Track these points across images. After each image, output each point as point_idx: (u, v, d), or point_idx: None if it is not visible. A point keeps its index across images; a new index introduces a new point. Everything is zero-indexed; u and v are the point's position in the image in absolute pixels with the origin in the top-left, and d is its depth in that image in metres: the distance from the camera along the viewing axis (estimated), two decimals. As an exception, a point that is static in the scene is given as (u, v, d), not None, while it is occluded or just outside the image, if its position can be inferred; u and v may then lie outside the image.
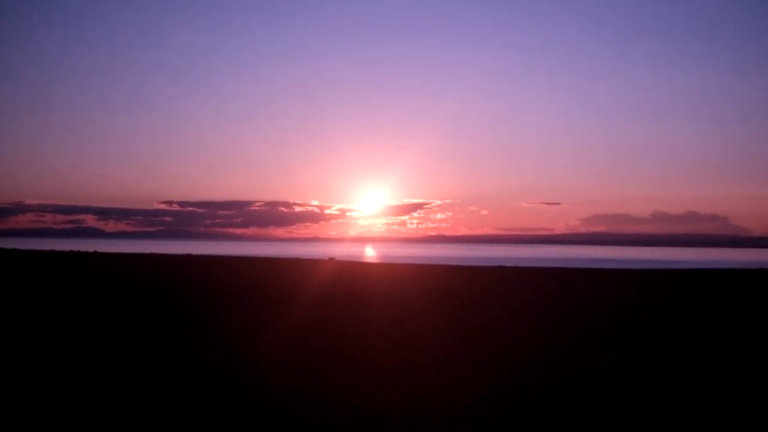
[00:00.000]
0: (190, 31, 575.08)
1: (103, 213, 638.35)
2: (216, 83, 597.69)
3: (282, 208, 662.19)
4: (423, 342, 13.88)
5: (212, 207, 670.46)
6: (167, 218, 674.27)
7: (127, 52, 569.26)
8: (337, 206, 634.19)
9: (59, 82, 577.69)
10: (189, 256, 67.17)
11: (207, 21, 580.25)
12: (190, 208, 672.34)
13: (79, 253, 67.77)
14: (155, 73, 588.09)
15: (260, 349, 12.91)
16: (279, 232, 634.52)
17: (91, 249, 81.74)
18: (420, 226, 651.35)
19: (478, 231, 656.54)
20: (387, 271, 44.88)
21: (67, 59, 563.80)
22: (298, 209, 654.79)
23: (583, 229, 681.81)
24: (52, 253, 63.89)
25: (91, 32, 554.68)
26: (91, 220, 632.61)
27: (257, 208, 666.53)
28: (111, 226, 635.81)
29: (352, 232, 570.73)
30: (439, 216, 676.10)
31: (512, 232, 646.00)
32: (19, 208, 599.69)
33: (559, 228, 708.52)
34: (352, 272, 41.30)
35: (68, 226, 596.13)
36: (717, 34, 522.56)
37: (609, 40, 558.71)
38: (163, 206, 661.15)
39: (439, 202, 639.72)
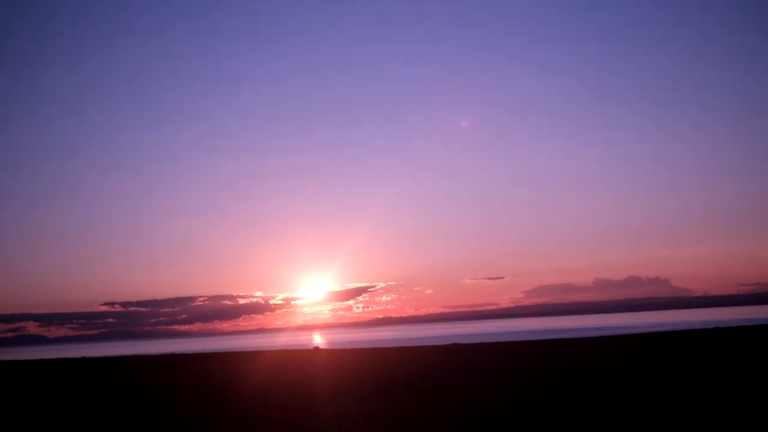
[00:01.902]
0: (126, 127, 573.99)
1: (44, 319, 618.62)
2: (151, 179, 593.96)
3: (226, 302, 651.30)
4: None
5: (155, 305, 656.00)
6: (110, 320, 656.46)
7: (60, 152, 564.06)
8: (281, 295, 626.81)
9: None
10: (172, 355, 64.73)
11: (144, 115, 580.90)
12: (132, 308, 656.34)
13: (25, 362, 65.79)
14: (88, 171, 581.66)
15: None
16: (225, 325, 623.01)
17: (34, 357, 79.34)
18: (366, 309, 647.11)
19: (424, 311, 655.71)
20: (385, 355, 43.96)
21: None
22: (242, 301, 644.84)
23: (527, 302, 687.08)
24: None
25: (20, 138, 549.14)
26: (32, 327, 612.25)
27: (201, 303, 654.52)
28: (53, 331, 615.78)
29: (299, 321, 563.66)
30: (384, 298, 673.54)
31: (458, 309, 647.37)
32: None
33: (504, 302, 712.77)
34: (353, 360, 40.69)
35: (9, 334, 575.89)
36: (648, 101, 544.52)
37: (541, 110, 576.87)
38: (105, 308, 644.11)
39: (383, 284, 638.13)
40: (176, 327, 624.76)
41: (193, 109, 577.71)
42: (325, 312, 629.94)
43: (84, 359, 65.35)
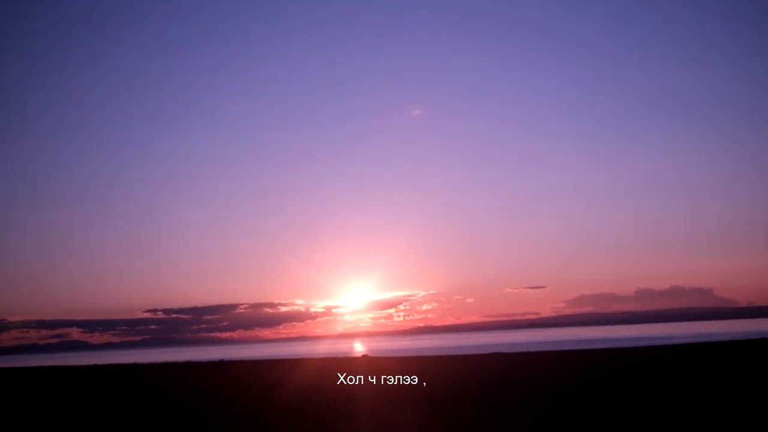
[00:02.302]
0: (166, 135, 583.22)
1: (88, 325, 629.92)
2: (195, 188, 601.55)
3: (267, 309, 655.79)
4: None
5: (197, 312, 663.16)
6: (153, 326, 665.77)
7: (106, 161, 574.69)
8: (322, 304, 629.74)
9: (32, 195, 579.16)
10: (222, 361, 65.40)
11: (191, 126, 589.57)
12: (174, 315, 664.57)
13: (71, 367, 67.36)
14: (132, 180, 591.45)
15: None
16: (266, 333, 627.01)
17: (77, 362, 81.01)
18: (407, 318, 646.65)
19: (465, 319, 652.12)
20: (434, 363, 44.09)
21: (40, 172, 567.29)
22: (283, 309, 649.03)
23: (569, 311, 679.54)
24: (39, 369, 63.42)
25: (66, 143, 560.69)
26: (76, 333, 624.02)
27: (242, 310, 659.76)
28: (96, 338, 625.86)
29: (339, 329, 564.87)
30: (425, 307, 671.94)
31: (499, 318, 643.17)
32: (2, 326, 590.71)
33: (546, 311, 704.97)
34: (405, 367, 40.83)
35: (53, 340, 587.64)
36: (691, 111, 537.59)
37: (585, 118, 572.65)
38: (147, 315, 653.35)
39: (424, 293, 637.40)
40: (218, 334, 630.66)
41: (236, 119, 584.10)
42: (365, 320, 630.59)
43: (134, 365, 66.68)
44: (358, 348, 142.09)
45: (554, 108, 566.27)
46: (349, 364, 47.86)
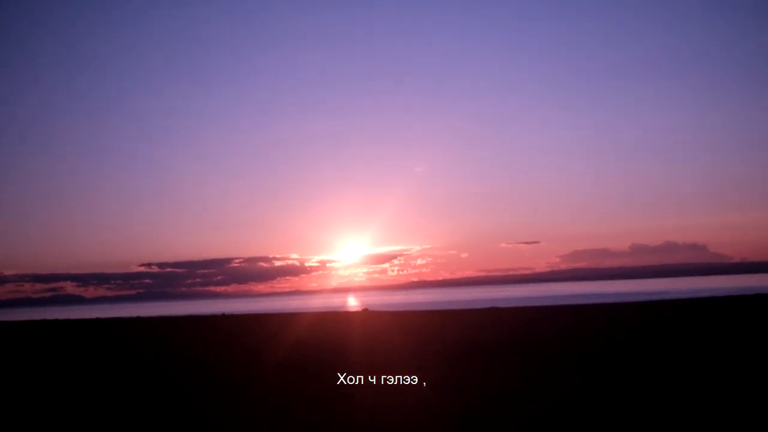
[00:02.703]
0: (165, 90, 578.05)
1: (82, 279, 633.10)
2: (189, 142, 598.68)
3: (262, 264, 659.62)
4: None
5: (191, 267, 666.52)
6: (147, 280, 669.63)
7: (103, 116, 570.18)
8: (317, 258, 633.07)
9: (29, 150, 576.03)
10: (223, 315, 65.03)
11: (182, 79, 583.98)
12: (169, 269, 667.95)
13: (71, 321, 67.18)
14: (128, 133, 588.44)
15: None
16: (260, 287, 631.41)
17: (72, 316, 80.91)
18: (401, 272, 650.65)
19: (459, 274, 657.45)
20: (437, 318, 43.66)
21: (34, 124, 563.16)
22: (277, 263, 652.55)
23: (563, 266, 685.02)
24: (36, 323, 63.21)
25: (67, 98, 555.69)
26: (70, 287, 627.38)
27: (237, 264, 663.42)
28: (91, 291, 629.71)
29: (334, 283, 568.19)
30: (419, 261, 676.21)
31: (493, 273, 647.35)
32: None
33: (540, 266, 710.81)
34: (420, 321, 40.67)
35: (47, 294, 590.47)
36: (686, 70, 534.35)
37: (579, 79, 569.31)
38: (142, 269, 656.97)
39: (418, 248, 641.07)
40: (212, 288, 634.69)
41: (231, 72, 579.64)
42: (360, 275, 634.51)
43: (131, 319, 66.46)
44: (353, 303, 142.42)
45: (550, 65, 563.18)
46: (349, 318, 47.70)
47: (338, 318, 48.09)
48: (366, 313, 53.66)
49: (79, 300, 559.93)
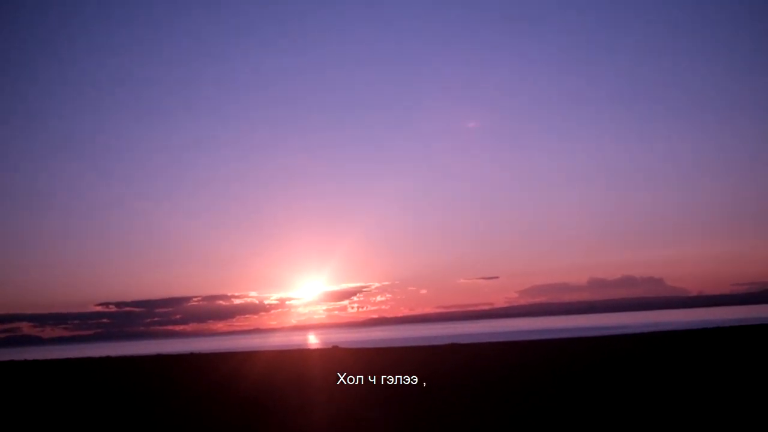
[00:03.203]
0: (122, 127, 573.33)
1: (39, 319, 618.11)
2: (146, 179, 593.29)
3: (220, 302, 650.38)
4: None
5: (150, 306, 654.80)
6: (105, 320, 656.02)
7: (55, 153, 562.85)
8: (276, 296, 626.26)
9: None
10: (191, 354, 64.07)
11: (139, 116, 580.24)
12: (127, 308, 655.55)
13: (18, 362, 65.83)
14: (83, 171, 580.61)
15: None
16: (219, 325, 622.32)
17: (29, 357, 79.32)
18: (360, 309, 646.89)
19: (419, 310, 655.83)
20: (402, 354, 44.08)
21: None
22: (236, 301, 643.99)
23: (522, 301, 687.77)
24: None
25: (17, 138, 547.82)
26: (27, 328, 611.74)
27: (196, 303, 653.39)
28: (48, 332, 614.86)
29: (293, 321, 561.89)
30: (379, 298, 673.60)
31: (453, 309, 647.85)
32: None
33: (499, 302, 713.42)
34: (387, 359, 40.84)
35: (3, 335, 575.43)
36: (642, 99, 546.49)
37: (537, 110, 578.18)
38: (99, 308, 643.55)
39: (377, 284, 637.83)
40: (171, 327, 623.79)
41: (188, 109, 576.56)
42: (319, 312, 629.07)
43: (92, 359, 65.45)
44: (312, 340, 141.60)
45: (507, 101, 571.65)
46: (325, 355, 47.74)
47: (307, 356, 48.24)
48: (335, 350, 54.21)
49: (36, 340, 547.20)
